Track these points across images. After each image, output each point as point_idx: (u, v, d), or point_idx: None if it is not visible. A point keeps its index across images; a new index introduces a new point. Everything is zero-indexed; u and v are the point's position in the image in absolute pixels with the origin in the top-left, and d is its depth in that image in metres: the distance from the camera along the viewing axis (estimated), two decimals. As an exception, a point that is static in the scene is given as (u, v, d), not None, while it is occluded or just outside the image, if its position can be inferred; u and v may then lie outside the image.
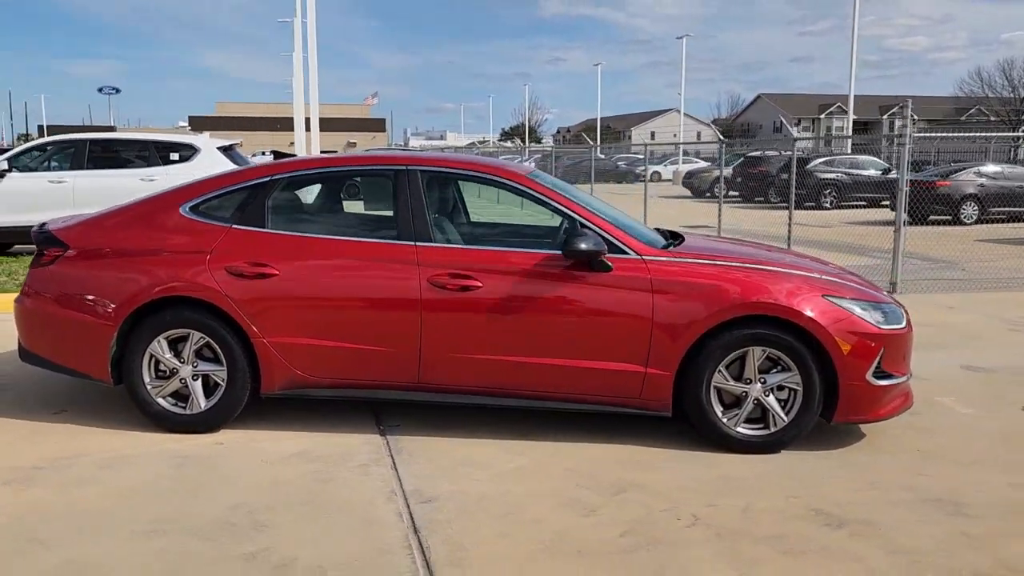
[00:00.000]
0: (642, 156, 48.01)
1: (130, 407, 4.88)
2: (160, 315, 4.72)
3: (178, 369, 4.75)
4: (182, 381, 4.76)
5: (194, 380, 4.76)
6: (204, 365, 4.76)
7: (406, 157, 5.02)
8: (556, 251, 4.62)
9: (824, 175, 24.66)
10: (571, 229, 4.65)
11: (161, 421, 4.79)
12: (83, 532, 3.60)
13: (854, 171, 24.86)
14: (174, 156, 11.71)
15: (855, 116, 67.57)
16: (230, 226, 4.80)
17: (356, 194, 6.36)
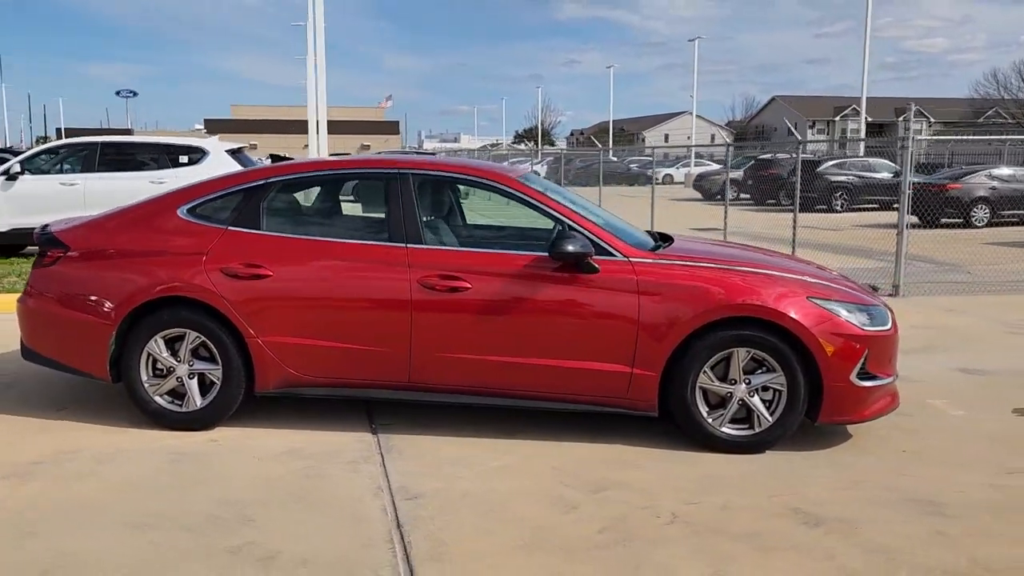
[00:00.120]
0: (656, 158, 48.01)
1: (129, 405, 4.99)
2: (157, 315, 4.83)
3: (175, 368, 4.86)
4: (179, 380, 4.87)
5: (190, 379, 4.87)
6: (200, 364, 4.87)
7: (398, 161, 5.12)
8: (544, 253, 4.69)
9: (835, 178, 24.57)
10: (559, 232, 4.73)
11: (158, 418, 4.90)
12: (77, 525, 3.71)
13: (866, 174, 24.77)
14: (183, 159, 11.86)
15: (871, 118, 67.24)
16: (226, 228, 4.90)
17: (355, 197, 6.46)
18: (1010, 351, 7.29)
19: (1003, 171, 20.30)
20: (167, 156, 11.86)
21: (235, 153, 12.23)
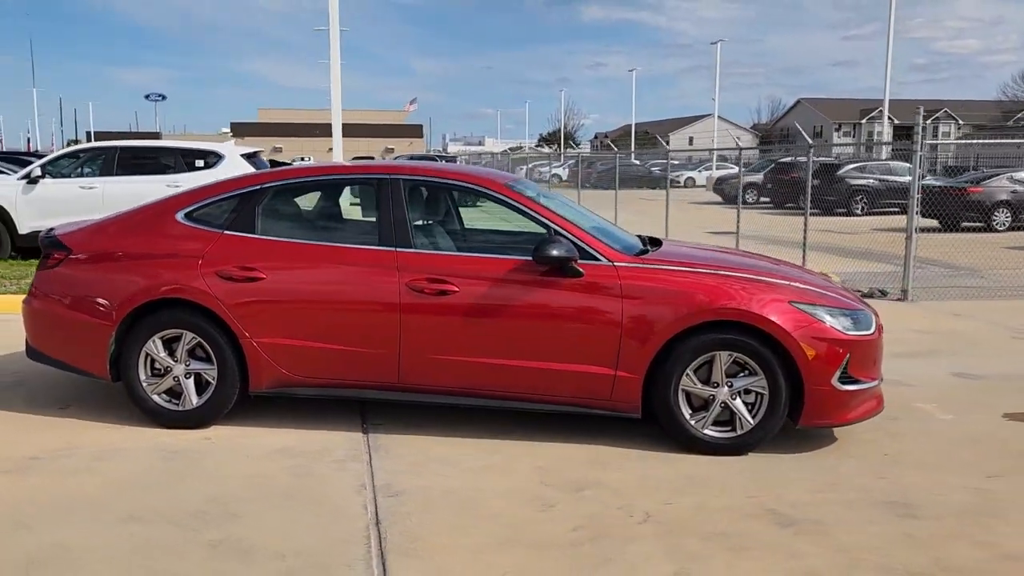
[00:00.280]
0: (677, 161, 47.92)
1: (129, 404, 5.14)
2: (155, 316, 4.98)
3: (172, 367, 5.01)
4: (175, 379, 5.02)
5: (187, 378, 5.01)
6: (196, 364, 5.01)
7: (389, 167, 5.24)
8: (531, 257, 4.78)
9: (855, 181, 24.45)
10: (544, 236, 4.82)
11: (156, 417, 5.05)
12: (68, 518, 3.85)
13: (887, 177, 24.56)
14: (199, 163, 12.08)
15: (897, 120, 66.51)
16: (222, 232, 5.05)
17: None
18: (1011, 356, 7.28)
19: (1025, 174, 20.08)
20: (183, 160, 12.08)
21: (250, 157, 12.44)
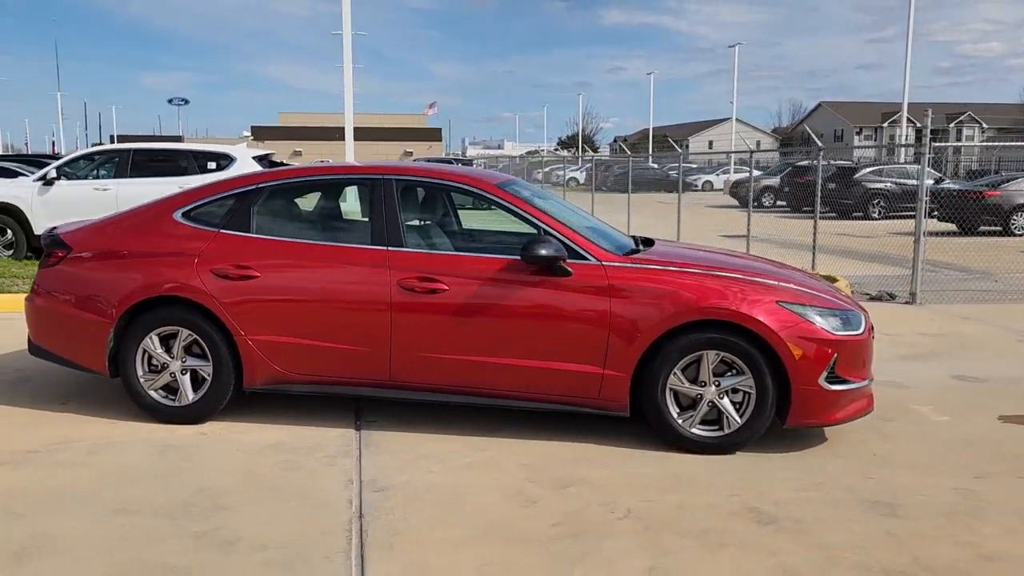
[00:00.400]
0: (696, 165, 47.82)
1: (128, 400, 5.22)
2: (152, 313, 5.07)
3: (168, 364, 5.09)
4: (172, 375, 5.10)
5: (183, 374, 5.09)
6: (192, 360, 5.09)
7: (381, 167, 5.30)
8: (519, 256, 4.82)
9: (872, 185, 24.28)
10: (533, 236, 4.85)
11: (153, 412, 5.13)
12: (59, 508, 3.93)
13: (904, 181, 24.37)
14: (211, 165, 12.21)
15: (919, 124, 66.08)
16: (218, 231, 5.13)
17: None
18: (1015, 359, 7.22)
19: (1044, 177, 19.88)
20: (196, 162, 12.23)
21: (261, 160, 12.56)
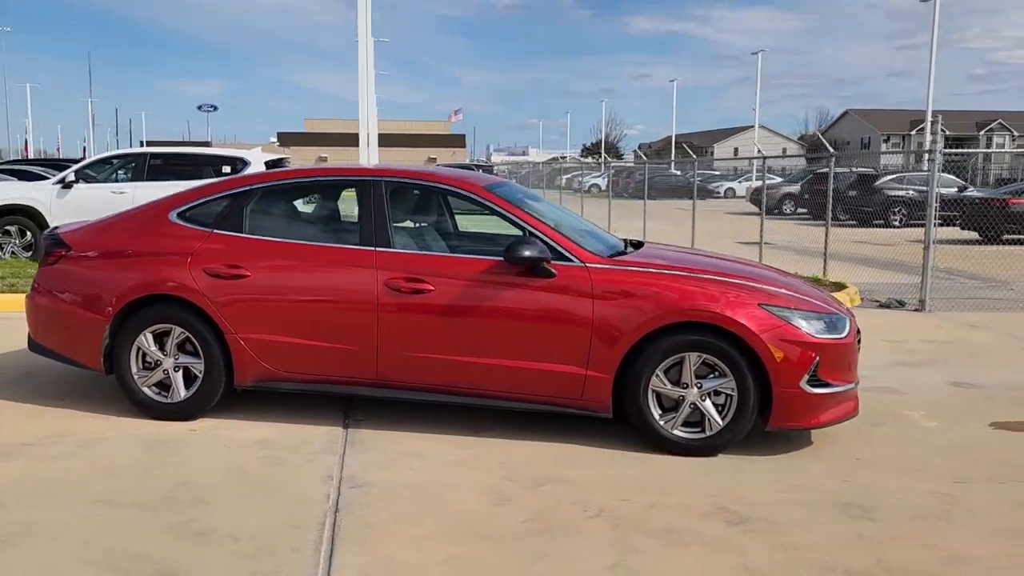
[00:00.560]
0: (719, 172, 47.62)
1: (123, 396, 5.33)
2: (146, 311, 5.18)
3: (161, 361, 5.19)
4: (165, 372, 5.20)
5: (176, 371, 5.20)
6: (185, 358, 5.19)
7: (370, 169, 5.38)
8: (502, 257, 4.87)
9: (893, 192, 24.07)
10: (517, 237, 4.91)
11: (146, 408, 5.24)
12: (43, 499, 4.04)
13: (926, 188, 24.09)
14: (226, 169, 12.39)
15: (949, 132, 65.25)
16: (211, 231, 5.23)
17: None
18: (1017, 367, 7.17)
19: (1069, 186, 19.61)
20: (211, 166, 12.41)
21: (276, 164, 12.73)
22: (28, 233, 12.11)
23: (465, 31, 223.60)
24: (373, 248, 5.03)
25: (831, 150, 12.33)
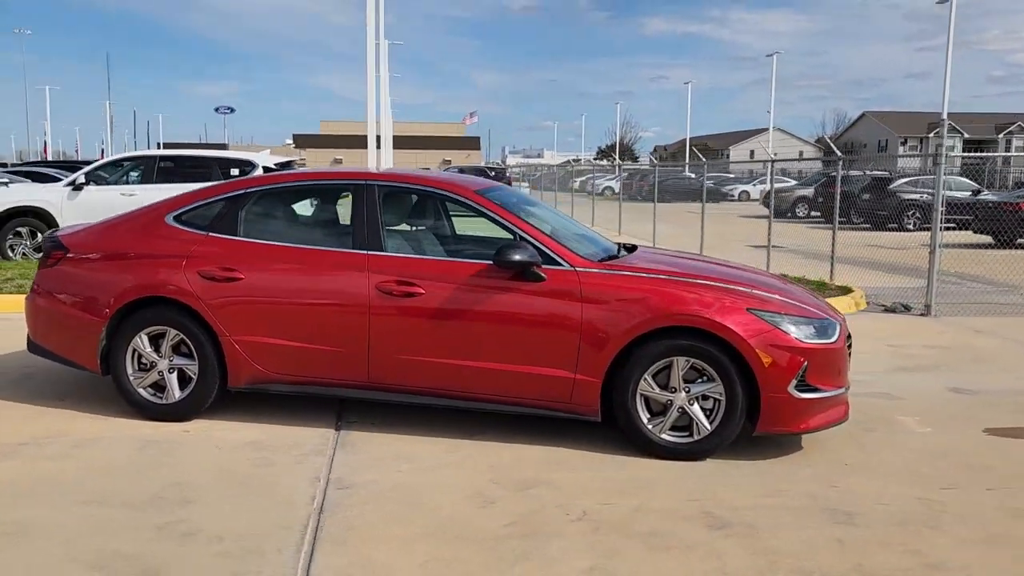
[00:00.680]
0: (733, 175, 47.49)
1: (119, 397, 5.40)
2: (142, 313, 5.24)
3: (157, 363, 5.26)
4: (160, 374, 5.27)
5: (170, 373, 5.26)
6: (179, 360, 5.25)
7: (363, 173, 5.43)
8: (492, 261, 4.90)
9: (907, 196, 23.92)
10: (507, 241, 4.94)
11: (141, 409, 5.30)
12: (35, 498, 4.10)
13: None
14: (235, 171, 12.50)
15: (968, 135, 64.77)
16: (206, 234, 5.30)
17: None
18: (1018, 373, 7.11)
19: (1084, 190, 19.42)
20: (219, 169, 12.53)
21: (284, 166, 12.83)
22: (39, 235, 12.25)
23: (480, 33, 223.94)
24: (365, 252, 5.07)
25: (838, 154, 12.27)
